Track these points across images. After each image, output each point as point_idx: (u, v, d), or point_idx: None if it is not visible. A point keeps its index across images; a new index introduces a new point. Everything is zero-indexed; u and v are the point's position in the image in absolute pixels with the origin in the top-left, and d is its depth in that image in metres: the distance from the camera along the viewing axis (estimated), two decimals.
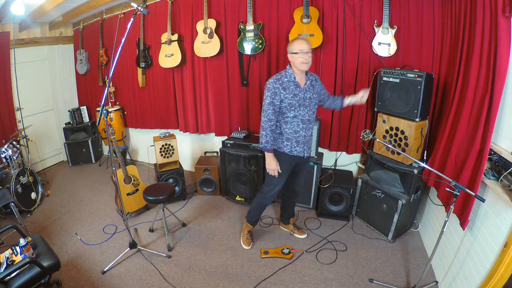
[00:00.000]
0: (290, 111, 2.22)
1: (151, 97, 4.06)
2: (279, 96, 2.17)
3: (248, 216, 2.73)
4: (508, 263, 1.55)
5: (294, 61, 2.16)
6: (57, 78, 4.57)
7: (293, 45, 2.14)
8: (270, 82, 2.19)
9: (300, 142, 2.33)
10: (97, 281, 2.32)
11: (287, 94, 2.18)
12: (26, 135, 3.59)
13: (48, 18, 4.10)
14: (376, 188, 2.72)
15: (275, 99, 2.18)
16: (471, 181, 1.84)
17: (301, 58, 2.11)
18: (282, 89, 2.17)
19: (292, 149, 2.32)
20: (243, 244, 2.69)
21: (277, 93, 2.17)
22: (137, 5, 1.96)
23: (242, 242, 2.71)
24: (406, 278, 2.28)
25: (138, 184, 3.15)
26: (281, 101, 2.19)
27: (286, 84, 2.19)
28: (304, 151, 2.37)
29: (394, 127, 2.56)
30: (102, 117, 2.00)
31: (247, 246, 2.67)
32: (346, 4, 2.76)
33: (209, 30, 3.28)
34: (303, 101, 2.24)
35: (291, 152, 2.33)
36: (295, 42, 2.15)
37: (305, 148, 2.38)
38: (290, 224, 2.85)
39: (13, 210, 2.67)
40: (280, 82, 2.18)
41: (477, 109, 1.84)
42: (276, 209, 3.22)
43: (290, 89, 2.19)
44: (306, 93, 2.25)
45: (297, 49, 2.12)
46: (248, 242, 2.69)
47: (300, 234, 2.79)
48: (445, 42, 2.44)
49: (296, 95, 2.20)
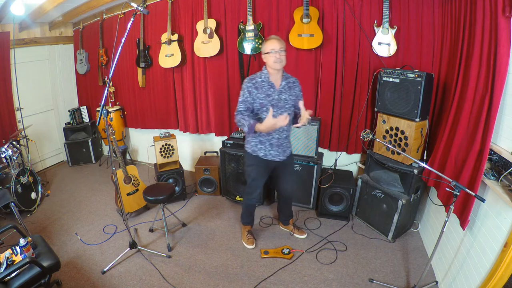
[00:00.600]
0: (262, 113, 2.19)
1: (151, 97, 4.06)
2: (252, 95, 2.17)
3: (241, 219, 2.76)
4: (508, 263, 1.55)
5: (268, 61, 2.15)
6: (57, 78, 4.57)
7: (265, 45, 2.15)
8: (245, 81, 2.20)
9: (274, 145, 2.29)
10: (97, 281, 2.32)
11: (259, 93, 2.17)
12: (26, 135, 3.59)
13: (48, 18, 4.10)
14: (376, 188, 2.72)
15: (248, 98, 2.18)
16: (471, 181, 1.84)
17: (273, 57, 2.10)
18: (254, 88, 2.16)
19: (267, 153, 2.30)
20: (247, 244, 2.69)
21: (251, 91, 2.16)
22: (137, 5, 1.95)
23: (245, 243, 2.71)
24: (406, 278, 2.28)
25: (138, 184, 3.15)
26: (254, 101, 2.18)
27: (260, 84, 2.18)
28: (279, 154, 2.33)
29: (394, 127, 2.56)
30: (102, 117, 2.00)
31: (251, 245, 2.67)
32: (346, 4, 2.76)
33: (209, 30, 3.28)
34: (276, 102, 2.20)
35: (265, 157, 2.31)
36: (267, 42, 2.15)
37: (280, 152, 2.33)
38: (290, 224, 2.85)
39: (13, 210, 2.66)
40: (254, 81, 2.18)
41: (477, 109, 1.84)
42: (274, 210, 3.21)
43: (263, 89, 2.17)
44: (281, 94, 2.21)
45: (269, 48, 2.12)
46: (251, 242, 2.69)
47: (300, 234, 2.79)
48: (445, 42, 2.44)
49: (269, 95, 2.18)
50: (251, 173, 2.41)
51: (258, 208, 3.25)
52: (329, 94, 3.07)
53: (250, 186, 2.48)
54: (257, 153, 2.32)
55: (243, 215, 2.72)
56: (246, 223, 2.74)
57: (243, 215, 2.73)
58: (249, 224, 2.75)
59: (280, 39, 2.16)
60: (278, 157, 2.33)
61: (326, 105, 3.12)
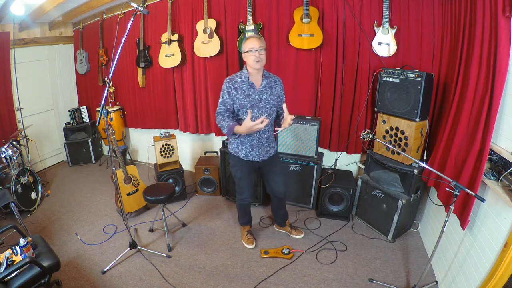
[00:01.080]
0: (243, 113, 2.17)
1: (151, 97, 4.06)
2: (231, 96, 2.15)
3: (239, 220, 2.76)
4: (508, 263, 1.55)
5: (248, 60, 2.12)
6: (57, 78, 4.57)
7: (245, 44, 2.12)
8: (224, 82, 2.18)
9: (254, 146, 2.28)
10: (97, 281, 2.32)
11: (239, 94, 2.15)
12: (26, 135, 3.59)
13: (48, 18, 4.10)
14: (376, 188, 2.72)
15: (228, 99, 2.16)
16: (471, 181, 1.83)
17: (253, 56, 2.07)
18: (234, 89, 2.14)
19: (248, 154, 2.30)
20: (247, 244, 2.69)
21: (230, 92, 2.14)
22: (137, 5, 1.95)
23: (245, 243, 2.70)
24: (406, 278, 2.28)
25: (138, 184, 3.15)
26: (233, 101, 2.16)
27: (239, 84, 2.15)
28: (260, 155, 2.31)
29: (394, 127, 2.56)
30: (102, 117, 2.00)
31: (251, 245, 2.67)
32: (346, 4, 2.76)
33: (209, 30, 3.28)
34: (257, 102, 2.18)
35: (246, 158, 2.31)
36: (246, 41, 2.12)
37: (261, 152, 2.31)
38: (286, 225, 2.82)
39: (13, 210, 2.66)
40: (233, 82, 2.15)
41: (477, 109, 1.84)
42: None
43: (242, 89, 2.15)
44: (261, 94, 2.19)
45: (248, 47, 2.08)
46: (251, 241, 2.69)
47: (297, 234, 2.78)
48: (445, 42, 2.44)
49: (248, 95, 2.16)
50: (236, 173, 2.41)
51: (258, 208, 3.26)
52: (329, 94, 3.07)
53: (238, 186, 2.49)
54: (238, 154, 2.31)
55: (239, 216, 2.72)
56: (244, 223, 2.73)
57: (239, 216, 2.72)
58: (247, 224, 2.74)
59: (260, 38, 2.14)
60: (258, 158, 2.31)
61: (326, 105, 3.12)
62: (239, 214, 2.71)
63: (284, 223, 2.82)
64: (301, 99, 3.20)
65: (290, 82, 3.16)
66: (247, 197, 2.51)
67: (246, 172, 2.38)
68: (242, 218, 2.71)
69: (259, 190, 3.22)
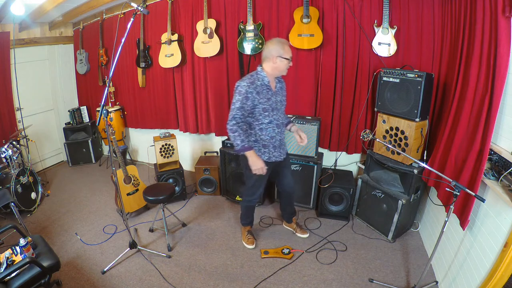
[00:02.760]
0: (265, 117, 2.16)
1: (151, 97, 4.06)
2: (251, 101, 2.09)
3: (241, 220, 2.75)
4: (508, 263, 1.55)
5: (279, 66, 2.09)
6: (57, 78, 4.57)
7: (285, 50, 2.07)
8: (243, 85, 2.07)
9: (277, 147, 2.31)
10: (97, 281, 2.32)
11: (261, 99, 2.11)
12: (26, 135, 3.59)
13: (48, 18, 4.10)
14: (376, 188, 2.72)
15: (246, 104, 2.08)
16: (471, 181, 1.83)
17: (287, 65, 2.10)
18: (256, 93, 2.09)
19: (271, 156, 2.31)
20: (247, 244, 2.69)
21: (249, 97, 2.07)
22: (137, 5, 1.95)
23: (246, 243, 2.70)
24: (406, 278, 2.28)
25: (138, 184, 3.15)
26: (254, 106, 2.11)
27: (260, 88, 2.11)
28: (281, 154, 2.37)
29: (394, 127, 2.56)
30: (102, 117, 2.00)
31: (251, 245, 2.67)
32: (346, 4, 2.76)
33: (209, 30, 3.28)
34: (275, 104, 2.19)
35: (269, 159, 2.31)
36: (286, 48, 2.08)
37: (282, 152, 2.37)
38: (293, 223, 2.85)
39: (13, 210, 2.67)
40: (254, 86, 2.08)
41: (477, 109, 1.84)
42: (277, 209, 3.22)
43: (263, 93, 2.12)
44: (277, 96, 2.22)
45: (288, 55, 2.08)
46: (251, 242, 2.69)
47: (302, 234, 2.79)
48: (445, 42, 2.44)
49: (269, 99, 2.15)
50: (253, 176, 2.36)
51: (258, 208, 3.25)
52: (329, 94, 3.07)
53: (253, 187, 2.46)
54: (260, 157, 2.28)
55: (243, 216, 2.71)
56: (246, 224, 2.74)
57: (243, 216, 2.72)
58: (249, 225, 2.75)
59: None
60: (280, 157, 2.38)
61: (326, 105, 3.12)
62: (243, 215, 2.70)
63: (291, 219, 2.84)
64: (301, 99, 3.20)
65: (290, 82, 3.16)
66: (257, 199, 2.54)
67: (265, 174, 2.37)
68: (246, 218, 2.71)
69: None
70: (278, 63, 2.09)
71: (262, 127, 2.19)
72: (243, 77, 2.14)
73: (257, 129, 2.21)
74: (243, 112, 2.11)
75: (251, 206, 2.65)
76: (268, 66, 2.13)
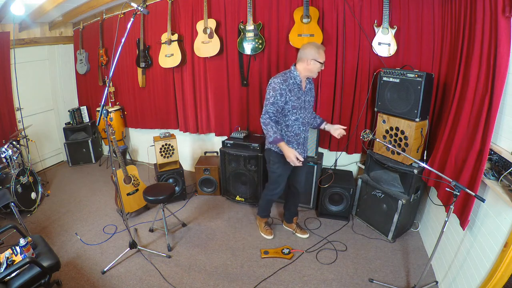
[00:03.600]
0: (292, 114, 2.26)
1: (151, 97, 4.06)
2: (284, 97, 2.19)
3: (260, 212, 2.84)
4: (508, 263, 1.55)
5: (312, 68, 2.19)
6: (57, 78, 4.57)
7: (320, 55, 2.17)
8: (277, 82, 2.18)
9: (300, 144, 2.40)
10: (97, 281, 2.32)
11: (292, 96, 2.21)
12: (26, 135, 3.59)
13: (48, 18, 4.10)
14: (376, 188, 2.72)
15: (279, 100, 2.18)
16: (471, 181, 1.84)
17: (319, 68, 2.22)
18: (288, 91, 2.19)
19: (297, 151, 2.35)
20: (266, 235, 2.79)
21: (283, 94, 2.18)
22: (137, 5, 1.95)
23: (265, 234, 2.80)
24: (406, 278, 2.28)
25: (138, 184, 3.15)
26: (286, 102, 2.21)
27: (292, 86, 2.21)
28: (303, 152, 2.47)
29: (394, 127, 2.56)
30: (102, 117, 2.00)
31: (271, 236, 2.78)
32: (346, 4, 2.76)
33: (209, 30, 3.28)
34: (303, 104, 2.30)
35: None
36: (321, 52, 2.17)
37: (304, 149, 2.48)
38: (293, 223, 2.86)
39: (13, 210, 2.67)
40: (287, 83, 2.19)
41: (477, 109, 1.84)
42: (278, 209, 3.22)
43: (294, 91, 2.22)
44: (306, 96, 2.31)
45: (322, 60, 2.19)
46: (270, 232, 2.80)
47: (302, 234, 2.80)
48: (445, 42, 2.44)
49: (299, 98, 2.25)
50: (277, 170, 2.43)
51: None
52: (329, 94, 3.07)
53: (275, 182, 2.51)
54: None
55: (264, 208, 2.79)
56: (265, 216, 2.84)
57: (263, 208, 2.79)
58: (267, 217, 2.85)
59: None
60: (303, 154, 2.43)
61: (326, 105, 3.11)
62: (263, 208, 2.79)
63: (292, 220, 2.87)
64: None
65: None
66: (279, 193, 2.58)
67: (287, 169, 2.43)
68: (265, 211, 2.81)
69: (259, 189, 3.22)
70: (312, 65, 2.19)
71: (289, 124, 2.29)
72: (277, 75, 2.25)
73: (283, 125, 2.31)
74: (276, 108, 2.21)
75: (273, 200, 2.74)
76: (301, 67, 2.22)
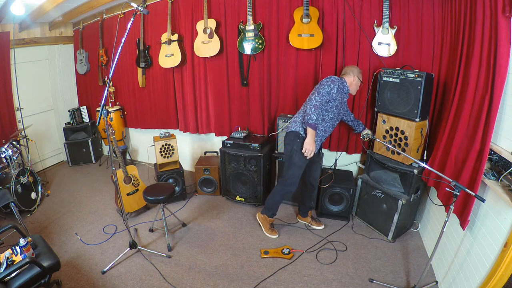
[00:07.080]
0: (331, 113, 2.50)
1: (151, 97, 4.06)
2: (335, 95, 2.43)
3: (266, 211, 2.80)
4: (508, 263, 1.55)
5: (351, 85, 2.54)
6: (57, 78, 4.57)
7: (362, 76, 2.60)
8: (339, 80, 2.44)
9: (321, 141, 2.59)
10: (97, 281, 2.32)
11: (339, 98, 2.49)
12: (26, 135, 3.58)
13: (48, 18, 4.10)
14: (376, 188, 2.72)
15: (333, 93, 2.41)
16: (471, 181, 1.83)
17: (358, 88, 2.61)
18: (341, 92, 2.48)
19: (317, 146, 2.51)
20: (273, 235, 2.80)
21: (339, 90, 2.44)
22: (137, 5, 1.96)
23: (271, 234, 2.81)
24: (406, 278, 2.28)
25: (138, 184, 3.15)
26: (334, 100, 2.45)
27: (342, 91, 2.50)
28: (319, 148, 2.62)
29: (394, 127, 2.56)
30: (102, 117, 2.00)
31: (276, 235, 2.80)
32: (346, 4, 2.76)
33: (209, 30, 3.28)
34: (341, 110, 2.61)
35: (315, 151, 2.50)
36: (362, 74, 2.61)
37: (321, 145, 2.67)
38: (308, 216, 2.93)
39: (13, 210, 2.66)
40: (342, 86, 2.49)
41: (477, 109, 1.84)
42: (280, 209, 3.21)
43: (341, 96, 2.51)
44: (343, 105, 2.64)
45: (362, 80, 2.59)
46: (275, 232, 2.82)
47: (317, 226, 2.90)
48: (445, 42, 2.44)
49: (341, 102, 2.55)
50: (299, 161, 2.52)
51: (259, 208, 3.25)
52: None
53: (293, 174, 2.56)
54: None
55: (271, 207, 2.76)
56: (272, 215, 2.81)
57: (271, 207, 2.76)
58: (273, 217, 2.84)
59: None
60: (317, 150, 2.57)
61: None
62: (271, 206, 2.76)
63: (307, 213, 2.93)
64: (301, 98, 3.19)
65: (290, 82, 3.17)
66: (296, 186, 2.61)
67: (306, 161, 2.53)
68: (273, 209, 2.78)
69: (259, 189, 3.22)
70: (356, 81, 2.55)
71: (326, 119, 2.49)
72: (334, 80, 2.42)
73: (319, 119, 2.46)
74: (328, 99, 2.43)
75: (287, 195, 2.79)
76: (348, 79, 2.53)
